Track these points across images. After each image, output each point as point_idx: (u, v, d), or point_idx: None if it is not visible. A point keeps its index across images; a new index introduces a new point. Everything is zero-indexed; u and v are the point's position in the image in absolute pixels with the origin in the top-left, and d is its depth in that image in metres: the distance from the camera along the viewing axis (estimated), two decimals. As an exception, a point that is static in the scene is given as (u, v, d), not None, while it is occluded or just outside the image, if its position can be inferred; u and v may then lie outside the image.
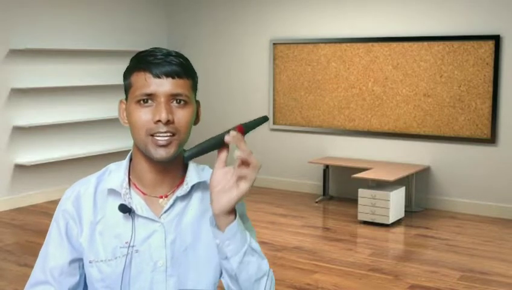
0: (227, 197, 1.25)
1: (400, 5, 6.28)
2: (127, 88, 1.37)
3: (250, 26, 7.30)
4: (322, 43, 6.73)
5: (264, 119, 1.28)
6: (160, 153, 1.32)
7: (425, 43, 6.12)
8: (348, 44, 6.56)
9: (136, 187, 1.41)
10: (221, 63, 7.57)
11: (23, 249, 4.98)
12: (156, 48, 1.37)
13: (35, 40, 6.44)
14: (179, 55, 1.35)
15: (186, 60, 1.36)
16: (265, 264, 1.36)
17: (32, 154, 6.46)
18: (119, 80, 7.25)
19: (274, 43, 7.06)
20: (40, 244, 1.32)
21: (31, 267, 4.57)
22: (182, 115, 1.33)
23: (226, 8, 7.46)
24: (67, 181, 6.78)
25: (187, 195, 1.42)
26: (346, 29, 6.62)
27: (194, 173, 1.43)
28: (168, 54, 1.33)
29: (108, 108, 7.24)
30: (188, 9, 7.79)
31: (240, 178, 1.24)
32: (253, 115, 7.32)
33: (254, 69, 7.30)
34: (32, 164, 6.30)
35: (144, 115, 1.31)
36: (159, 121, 1.30)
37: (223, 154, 1.28)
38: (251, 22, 7.29)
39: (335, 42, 6.65)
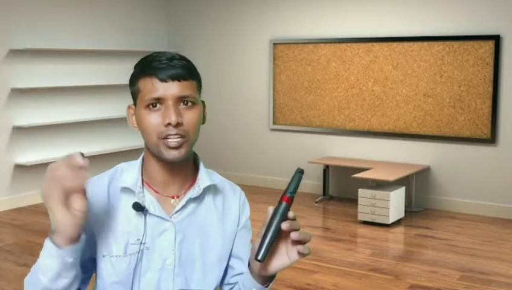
0: (280, 262, 1.32)
1: (400, 5, 6.27)
2: (135, 94, 1.40)
3: (250, 26, 7.29)
4: (322, 43, 6.73)
5: (301, 173, 1.36)
6: (173, 154, 1.35)
7: (425, 43, 6.12)
8: (348, 44, 6.56)
9: (149, 186, 1.44)
10: (221, 63, 7.57)
11: (23, 249, 4.98)
12: (159, 52, 1.40)
13: (35, 40, 6.44)
14: (182, 58, 1.38)
15: (190, 62, 1.39)
16: None
17: (32, 154, 6.46)
18: (119, 80, 7.26)
19: (274, 43, 7.06)
20: (40, 245, 1.31)
21: (31, 267, 4.57)
22: (190, 117, 1.36)
23: (226, 8, 7.46)
24: (67, 181, 6.78)
25: (199, 197, 1.45)
26: (346, 29, 6.62)
27: (206, 175, 1.48)
28: (172, 57, 1.36)
29: (108, 108, 7.24)
30: (188, 9, 7.79)
31: (295, 251, 1.30)
32: (253, 115, 7.31)
33: (254, 69, 7.30)
34: (32, 164, 6.30)
35: (154, 119, 1.35)
36: (169, 124, 1.33)
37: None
38: (251, 22, 7.28)
39: (335, 42, 6.65)
